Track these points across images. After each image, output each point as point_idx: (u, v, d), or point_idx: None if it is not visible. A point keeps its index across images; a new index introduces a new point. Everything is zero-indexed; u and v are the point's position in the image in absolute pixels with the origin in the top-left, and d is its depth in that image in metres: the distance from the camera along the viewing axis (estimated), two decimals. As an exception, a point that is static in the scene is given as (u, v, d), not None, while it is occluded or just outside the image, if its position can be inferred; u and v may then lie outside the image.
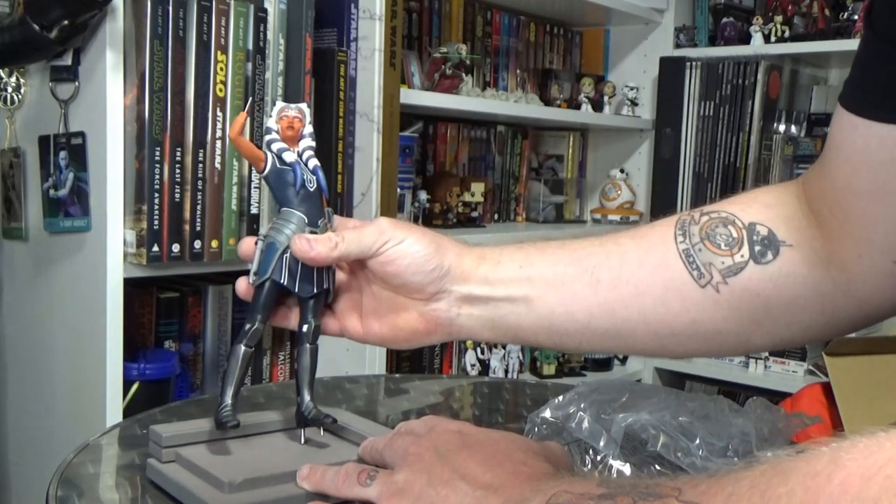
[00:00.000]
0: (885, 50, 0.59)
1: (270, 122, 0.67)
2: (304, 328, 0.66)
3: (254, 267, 0.65)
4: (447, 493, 0.51)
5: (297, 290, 0.65)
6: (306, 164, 0.66)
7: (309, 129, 0.68)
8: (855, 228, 0.63)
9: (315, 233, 0.64)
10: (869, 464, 0.33)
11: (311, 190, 0.65)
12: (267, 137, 0.66)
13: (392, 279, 0.66)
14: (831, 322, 0.67)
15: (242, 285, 0.66)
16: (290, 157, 0.65)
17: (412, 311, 0.67)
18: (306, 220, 0.64)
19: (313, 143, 0.68)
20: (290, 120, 0.66)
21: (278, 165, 0.65)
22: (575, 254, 0.68)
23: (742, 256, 0.65)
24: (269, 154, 0.66)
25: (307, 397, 0.65)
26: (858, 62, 0.63)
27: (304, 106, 0.68)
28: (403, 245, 0.65)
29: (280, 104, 0.67)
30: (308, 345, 0.66)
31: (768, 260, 0.65)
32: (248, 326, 0.64)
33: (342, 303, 0.69)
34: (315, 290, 0.65)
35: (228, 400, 0.62)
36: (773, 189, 0.70)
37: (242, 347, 0.64)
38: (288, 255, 0.64)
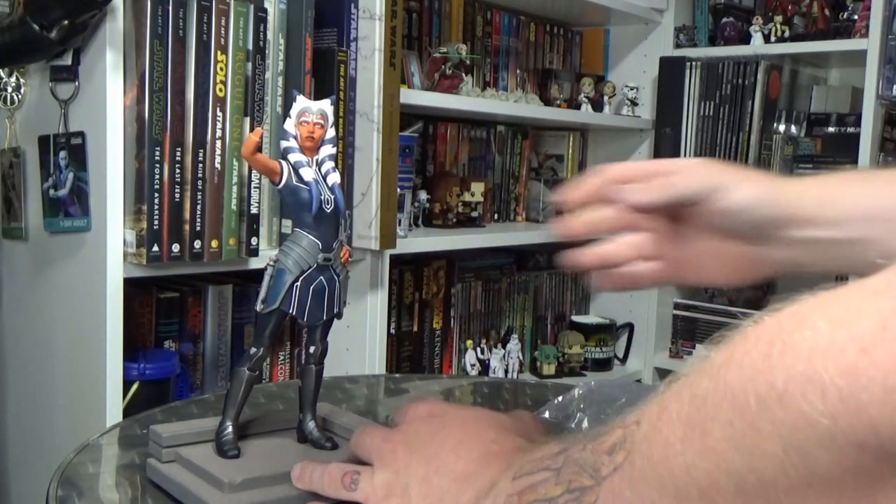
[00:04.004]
0: None
1: (289, 125, 0.62)
2: (311, 349, 0.65)
3: (262, 294, 0.62)
4: (426, 492, 0.51)
5: (305, 319, 0.63)
6: (325, 179, 0.62)
7: (331, 133, 0.63)
8: None
9: (329, 259, 0.62)
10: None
11: (329, 211, 0.62)
12: (284, 144, 0.62)
13: (723, 231, 0.63)
14: None
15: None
16: (307, 174, 0.61)
17: (736, 255, 0.65)
18: (320, 245, 0.62)
19: (334, 151, 0.63)
20: (310, 128, 0.62)
21: (294, 182, 0.61)
22: (893, 188, 0.63)
23: None
24: (284, 166, 0.61)
25: (309, 417, 0.65)
26: None
27: (326, 106, 0.63)
28: (737, 195, 0.61)
29: (300, 103, 0.62)
30: (314, 366, 0.65)
31: None
32: (252, 351, 0.63)
33: (664, 254, 0.66)
34: (325, 318, 0.64)
35: (230, 425, 0.62)
36: None
37: (246, 371, 0.63)
38: (298, 283, 0.61)
